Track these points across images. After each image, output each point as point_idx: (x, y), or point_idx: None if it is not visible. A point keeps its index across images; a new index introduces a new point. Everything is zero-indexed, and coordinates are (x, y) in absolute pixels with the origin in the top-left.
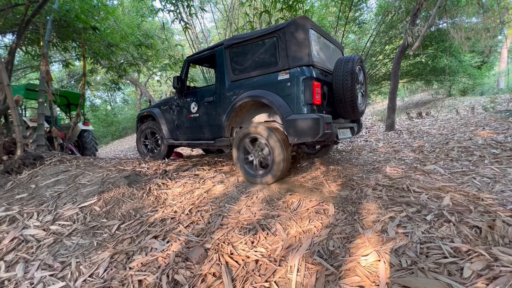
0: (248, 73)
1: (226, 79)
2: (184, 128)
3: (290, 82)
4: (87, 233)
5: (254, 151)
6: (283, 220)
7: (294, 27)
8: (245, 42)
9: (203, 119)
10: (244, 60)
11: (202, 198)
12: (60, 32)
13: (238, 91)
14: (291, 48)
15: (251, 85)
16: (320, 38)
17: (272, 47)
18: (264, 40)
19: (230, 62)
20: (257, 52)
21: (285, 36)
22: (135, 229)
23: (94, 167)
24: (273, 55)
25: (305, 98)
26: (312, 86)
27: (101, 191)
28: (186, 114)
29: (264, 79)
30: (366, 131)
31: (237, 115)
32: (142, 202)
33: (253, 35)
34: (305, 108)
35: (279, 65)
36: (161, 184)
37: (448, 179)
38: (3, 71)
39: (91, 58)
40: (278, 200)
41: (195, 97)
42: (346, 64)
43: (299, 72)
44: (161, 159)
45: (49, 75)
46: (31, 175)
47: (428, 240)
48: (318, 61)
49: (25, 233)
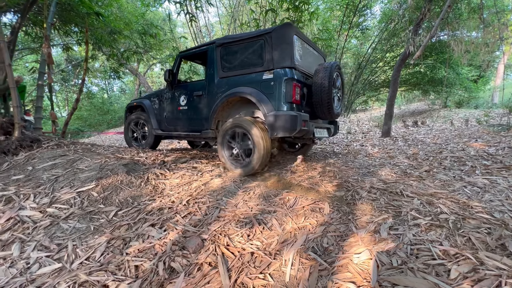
0: (236, 71)
1: (216, 75)
2: (173, 120)
3: (273, 82)
4: (84, 217)
5: (237, 143)
6: (279, 216)
7: (280, 32)
8: (235, 42)
9: (192, 111)
10: (233, 59)
11: (200, 190)
12: (62, 16)
13: (226, 87)
14: (276, 51)
15: (238, 82)
16: (303, 44)
17: (259, 49)
18: (252, 41)
19: (220, 59)
20: (246, 52)
21: (271, 39)
22: (132, 216)
23: (92, 154)
24: (259, 56)
25: (286, 96)
26: (292, 86)
27: (99, 177)
28: (175, 106)
29: (250, 77)
30: (363, 136)
31: (224, 109)
32: (140, 191)
33: (242, 36)
34: (285, 105)
35: (265, 66)
36: (159, 174)
37: (440, 186)
38: (5, 50)
39: (92, 44)
40: (275, 196)
41: (185, 91)
42: (325, 69)
43: (282, 73)
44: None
45: (50, 57)
46: (28, 157)
47: (418, 242)
48: (300, 65)
49: (21, 214)
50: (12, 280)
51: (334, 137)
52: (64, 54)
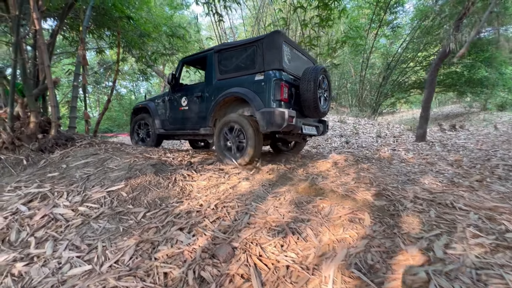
0: (231, 73)
1: (214, 78)
2: (174, 119)
3: (264, 82)
4: (113, 217)
5: (232, 137)
6: (314, 225)
7: (270, 39)
8: (231, 48)
9: (192, 111)
10: (229, 63)
11: (228, 193)
12: (97, 20)
13: (223, 88)
14: (266, 55)
15: (233, 84)
16: (292, 50)
17: (252, 54)
18: (246, 47)
19: (218, 64)
20: (240, 57)
21: (263, 45)
22: (160, 218)
23: (121, 153)
24: (252, 60)
25: (275, 95)
26: (281, 86)
27: (128, 177)
28: (177, 107)
29: (244, 79)
30: (394, 139)
31: (221, 108)
32: (167, 192)
33: (238, 44)
34: (274, 103)
35: (257, 68)
36: (186, 175)
37: (499, 199)
38: (44, 52)
39: (123, 47)
40: (308, 203)
41: (186, 93)
42: (311, 72)
43: (271, 74)
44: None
45: (85, 59)
46: (63, 155)
47: (485, 266)
48: (288, 68)
49: (55, 212)
50: (45, 280)
51: (363, 141)
52: (97, 58)
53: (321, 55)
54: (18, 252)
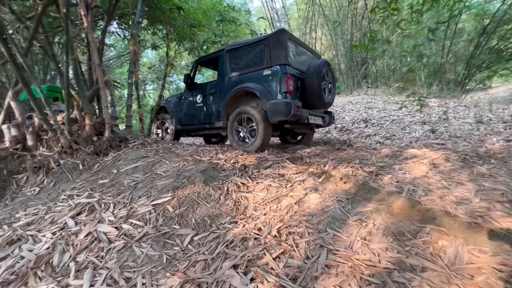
0: (242, 70)
1: (226, 75)
2: (191, 115)
3: (271, 76)
4: (157, 241)
5: (243, 127)
6: (434, 280)
7: (276, 37)
8: (241, 48)
9: (206, 107)
10: (239, 61)
11: (293, 212)
12: (149, 14)
13: (234, 84)
14: (273, 52)
15: (243, 80)
16: (297, 46)
17: (260, 51)
18: (254, 46)
19: (229, 62)
20: (249, 55)
21: (269, 43)
22: (210, 246)
23: (171, 155)
24: (260, 57)
25: (281, 87)
26: (286, 79)
27: (175, 187)
28: (193, 104)
29: (253, 74)
30: (505, 126)
31: (233, 103)
32: (219, 208)
33: (247, 43)
34: (281, 95)
35: (264, 64)
36: (241, 184)
37: None
38: (94, 50)
39: (175, 40)
40: (414, 236)
41: (201, 90)
42: (315, 66)
43: (278, 69)
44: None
45: (136, 55)
46: (115, 158)
47: None
48: (294, 63)
49: (99, 229)
50: None
51: (456, 128)
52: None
53: (405, 22)
54: (57, 282)
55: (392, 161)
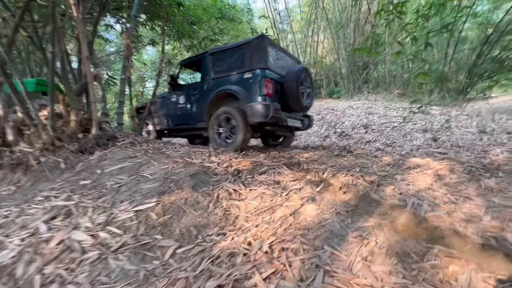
0: (224, 73)
1: (208, 77)
2: (174, 116)
3: (252, 80)
4: (136, 253)
5: (224, 127)
6: None
7: (257, 42)
8: (223, 51)
9: (189, 108)
10: (222, 64)
11: (288, 225)
12: (147, 9)
13: (216, 86)
14: (254, 56)
15: (225, 82)
16: (278, 52)
17: (242, 55)
18: (236, 50)
19: (212, 65)
20: (231, 58)
21: (250, 47)
22: (193, 261)
23: (160, 156)
24: (241, 61)
25: (261, 90)
26: (266, 82)
27: (161, 192)
28: (175, 104)
29: (234, 77)
30: (509, 137)
31: (214, 104)
32: (207, 217)
33: (229, 47)
34: (260, 97)
35: (245, 68)
36: (232, 191)
37: None
38: (83, 42)
39: (174, 36)
40: (420, 258)
41: (184, 92)
42: (294, 71)
43: (258, 72)
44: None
45: (129, 49)
46: (101, 158)
47: None
48: (274, 67)
49: (73, 237)
50: None
51: (460, 138)
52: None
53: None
54: None
55: (394, 170)
